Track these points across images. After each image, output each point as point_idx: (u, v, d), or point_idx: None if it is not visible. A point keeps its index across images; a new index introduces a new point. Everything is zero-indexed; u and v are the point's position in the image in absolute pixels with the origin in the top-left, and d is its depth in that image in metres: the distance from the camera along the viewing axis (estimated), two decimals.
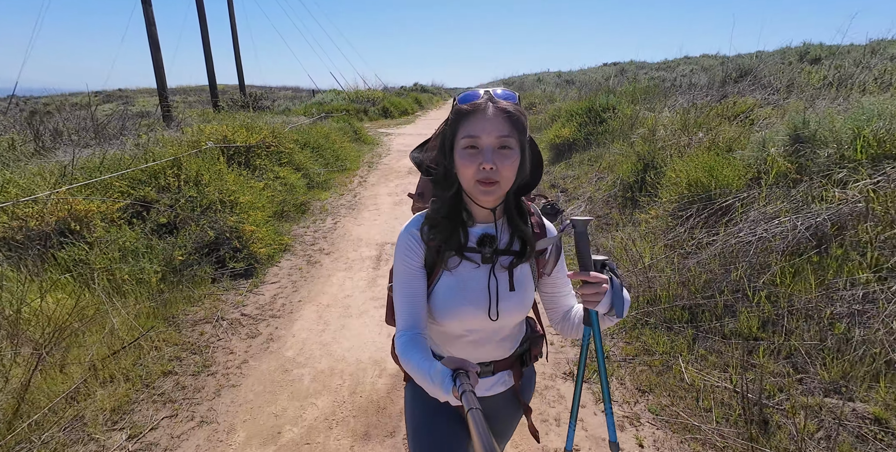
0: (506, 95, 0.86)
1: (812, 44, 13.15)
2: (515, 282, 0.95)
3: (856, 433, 1.70)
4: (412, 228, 0.95)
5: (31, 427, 1.85)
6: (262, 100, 17.89)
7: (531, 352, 1.08)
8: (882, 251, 2.14)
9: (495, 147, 0.82)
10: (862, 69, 6.19)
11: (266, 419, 2.05)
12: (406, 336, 0.89)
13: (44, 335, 2.15)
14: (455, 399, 0.70)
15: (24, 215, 2.72)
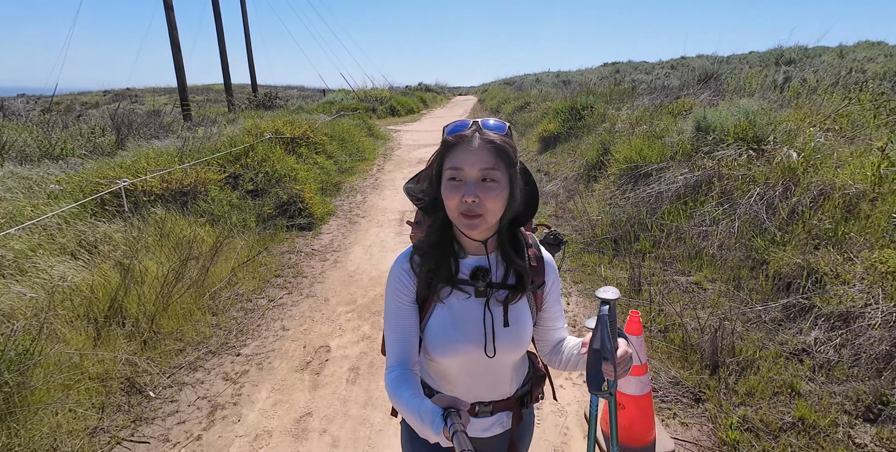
0: (496, 125, 0.86)
1: (786, 47, 14.50)
2: (511, 317, 0.93)
3: (684, 289, 3.11)
4: (403, 262, 0.94)
5: (215, 292, 3.27)
6: (276, 99, 19.38)
7: (532, 393, 1.06)
8: (723, 195, 3.54)
9: (478, 179, 0.82)
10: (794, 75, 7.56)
11: (345, 296, 3.47)
12: (396, 373, 0.89)
13: (203, 251, 3.57)
14: (446, 439, 0.69)
15: (171, 179, 4.16)
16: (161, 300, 2.86)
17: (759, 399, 2.14)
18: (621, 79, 12.69)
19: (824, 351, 2.26)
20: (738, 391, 2.21)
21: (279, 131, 6.35)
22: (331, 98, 19.69)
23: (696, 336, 2.57)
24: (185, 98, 13.58)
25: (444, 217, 0.89)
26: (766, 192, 3.26)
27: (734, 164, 3.63)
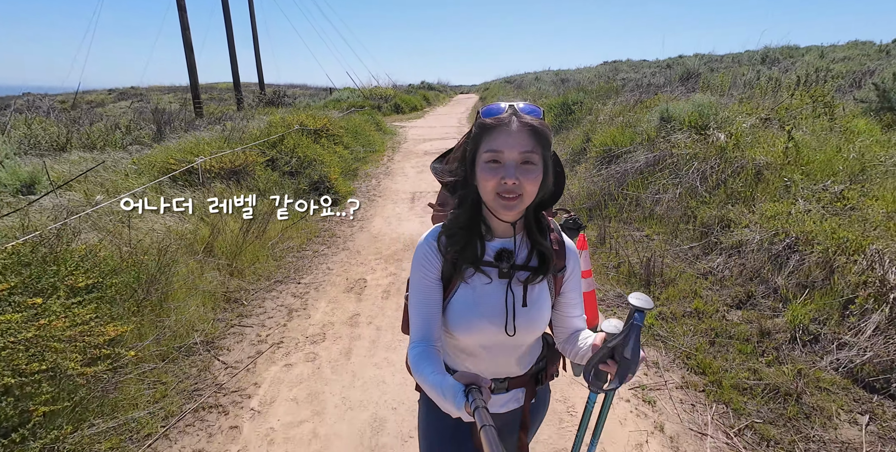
0: (530, 109, 0.88)
1: (772, 47, 15.47)
2: (531, 298, 0.97)
3: (637, 240, 4.09)
4: (430, 239, 0.98)
5: (273, 244, 4.28)
6: (285, 97, 20.40)
7: (547, 370, 1.11)
8: (671, 169, 4.53)
9: (518, 162, 0.84)
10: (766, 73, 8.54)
11: (372, 249, 4.47)
12: (419, 348, 0.92)
13: (258, 215, 4.58)
14: (467, 414, 0.72)
15: (224, 160, 5.16)
16: (238, 246, 3.86)
17: (672, 302, 3.13)
18: (614, 77, 13.68)
19: (721, 271, 3.25)
20: (660, 297, 3.20)
21: (304, 124, 7.36)
22: (337, 96, 20.68)
23: (637, 268, 3.56)
24: (197, 96, 14.53)
25: (473, 199, 0.93)
26: (701, 165, 4.25)
27: (682, 145, 4.62)
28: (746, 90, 7.46)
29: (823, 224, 3.00)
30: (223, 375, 2.57)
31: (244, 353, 2.79)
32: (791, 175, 3.73)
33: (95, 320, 2.25)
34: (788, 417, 2.10)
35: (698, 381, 2.45)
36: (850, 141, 4.24)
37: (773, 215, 3.35)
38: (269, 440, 2.12)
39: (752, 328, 2.69)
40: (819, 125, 4.88)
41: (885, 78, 5.49)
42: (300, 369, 2.64)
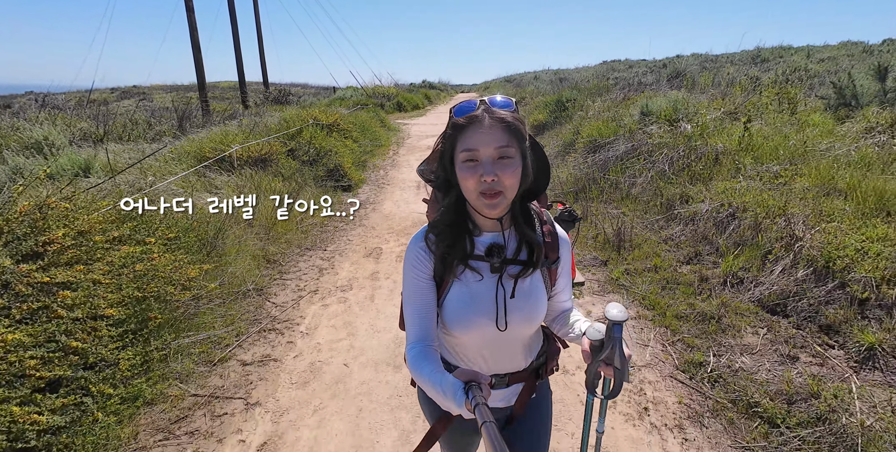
0: (503, 102, 0.90)
1: (763, 48, 16.19)
2: (522, 291, 0.98)
3: (614, 216, 4.82)
4: (419, 240, 1.00)
5: (300, 220, 5.00)
6: (290, 95, 21.14)
7: (547, 365, 1.12)
8: (646, 156, 5.26)
9: (494, 158, 0.85)
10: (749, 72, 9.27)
11: (384, 226, 5.20)
12: (416, 349, 0.94)
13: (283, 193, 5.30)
14: (468, 412, 0.73)
15: (251, 150, 5.89)
16: (271, 220, 4.59)
17: (637, 261, 3.86)
18: (609, 76, 14.42)
19: (678, 236, 3.98)
20: (627, 258, 3.92)
21: (317, 119, 8.09)
22: (341, 95, 21.41)
23: (611, 237, 4.28)
24: (204, 95, 15.23)
25: (457, 196, 0.94)
26: (670, 152, 4.98)
27: (655, 135, 5.35)
28: (727, 88, 8.19)
29: (758, 196, 3.72)
30: (275, 311, 3.29)
31: (288, 297, 3.51)
32: (743, 159, 4.45)
33: (182, 261, 2.97)
34: (710, 332, 2.82)
35: (648, 313, 3.17)
36: (801, 132, 4.96)
37: (723, 190, 4.08)
38: (318, 349, 2.84)
39: (695, 276, 3.41)
40: (780, 119, 5.61)
41: (842, 77, 6.22)
42: (334, 307, 3.36)
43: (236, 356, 2.76)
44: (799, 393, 2.22)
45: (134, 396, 2.27)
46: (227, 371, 2.62)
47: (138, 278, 2.63)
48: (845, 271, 2.72)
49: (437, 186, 1.00)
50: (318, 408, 2.34)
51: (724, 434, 2.15)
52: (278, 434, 2.18)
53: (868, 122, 4.88)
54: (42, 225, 2.20)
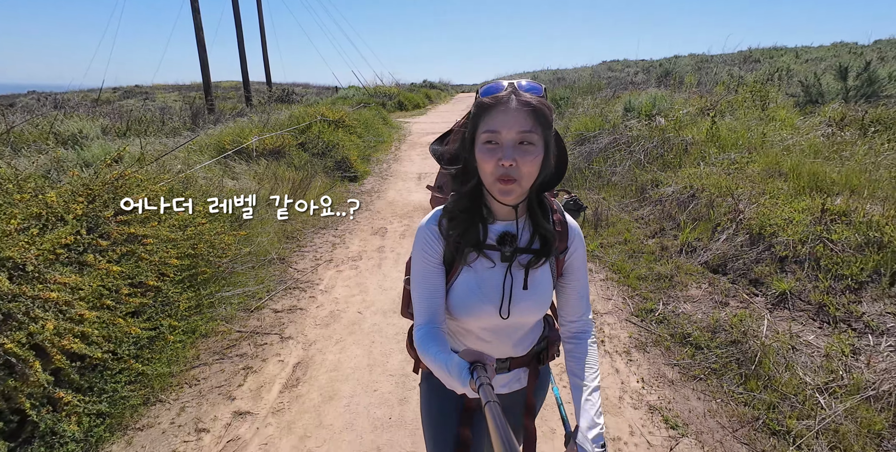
0: (530, 87, 0.88)
1: (755, 49, 16.82)
2: (531, 281, 0.98)
3: (595, 201, 5.42)
4: (431, 223, 1.00)
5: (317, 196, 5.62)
6: (293, 94, 21.76)
7: (549, 351, 1.14)
8: (625, 147, 5.87)
9: (516, 142, 0.84)
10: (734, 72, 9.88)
11: (388, 211, 5.80)
12: (424, 330, 0.95)
13: (294, 184, 5.91)
14: (472, 391, 0.74)
15: (265, 142, 6.51)
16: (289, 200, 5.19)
17: (611, 236, 4.46)
18: (604, 76, 15.04)
19: (648, 216, 4.58)
20: (602, 234, 4.53)
21: (324, 115, 8.71)
22: (343, 94, 22.05)
23: (590, 217, 4.88)
24: (209, 94, 15.83)
25: (474, 182, 0.94)
26: (646, 144, 5.59)
27: (634, 128, 5.96)
28: (710, 87, 8.81)
29: (715, 179, 4.33)
30: (296, 274, 3.90)
31: (307, 265, 4.12)
32: (708, 149, 5.06)
33: (221, 229, 3.58)
34: (662, 288, 3.42)
35: (615, 276, 3.77)
36: (765, 125, 5.57)
37: (687, 176, 4.68)
38: (335, 302, 3.45)
39: (657, 247, 4.01)
40: (750, 114, 6.22)
41: (808, 77, 6.82)
42: (347, 273, 3.97)
43: (268, 306, 3.36)
44: (722, 327, 2.82)
45: (192, 329, 2.88)
46: (263, 316, 3.23)
47: (189, 239, 3.24)
48: (772, 236, 3.32)
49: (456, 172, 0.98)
50: (339, 341, 2.95)
51: (661, 356, 2.75)
52: (308, 357, 2.78)
53: (825, 117, 5.49)
54: (121, 192, 2.82)
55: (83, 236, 2.36)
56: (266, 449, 2.09)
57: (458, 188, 0.97)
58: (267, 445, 2.11)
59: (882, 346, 2.34)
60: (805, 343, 2.54)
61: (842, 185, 3.61)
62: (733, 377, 2.47)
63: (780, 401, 2.24)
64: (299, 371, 2.64)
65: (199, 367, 2.65)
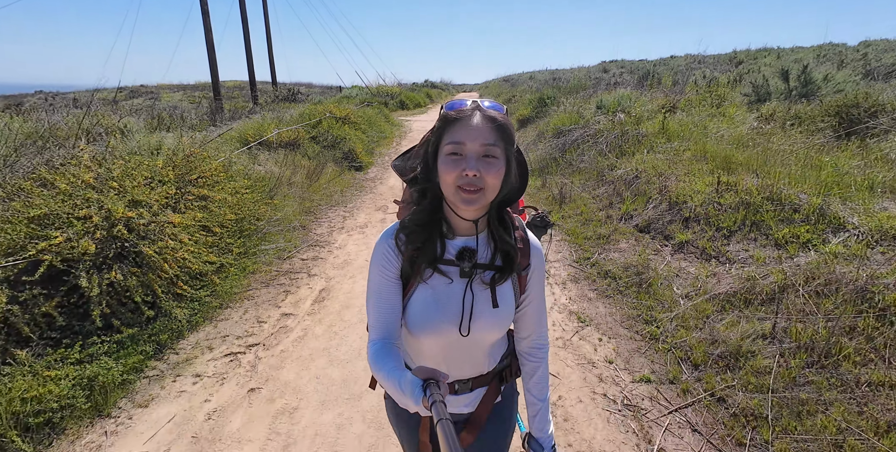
0: (493, 105, 0.92)
1: (739, 50, 17.86)
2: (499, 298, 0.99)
3: (564, 185, 6.51)
4: (388, 237, 1.00)
5: (324, 187, 6.72)
6: (299, 94, 22.88)
7: (511, 368, 1.15)
8: (593, 139, 6.95)
9: (479, 154, 0.87)
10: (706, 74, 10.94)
11: (390, 193, 6.91)
12: (377, 345, 0.94)
13: (309, 170, 7.02)
14: (425, 409, 0.74)
15: (282, 135, 7.62)
16: (307, 183, 6.29)
17: (570, 210, 5.54)
18: (593, 76, 16.11)
19: (602, 194, 5.66)
20: (564, 209, 5.61)
21: (332, 112, 9.83)
22: (346, 93, 23.19)
23: (557, 196, 5.96)
24: (218, 93, 16.92)
25: (434, 197, 0.96)
26: (609, 136, 6.67)
27: (601, 123, 7.04)
28: (683, 87, 9.88)
29: (655, 164, 5.41)
30: (316, 236, 5.00)
31: (324, 231, 5.22)
32: (657, 140, 6.13)
33: (257, 198, 4.67)
34: (601, 245, 4.50)
35: (568, 238, 4.85)
36: (711, 120, 6.63)
37: (636, 161, 5.76)
38: (348, 254, 4.54)
39: (604, 216, 5.09)
40: (704, 111, 7.29)
41: (757, 78, 7.89)
42: (356, 236, 5.07)
43: (296, 256, 4.46)
44: (633, 265, 3.90)
45: (243, 267, 3.98)
46: (293, 262, 4.32)
47: (236, 205, 4.34)
48: (683, 203, 4.39)
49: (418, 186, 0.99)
50: (351, 277, 4.04)
51: (587, 285, 3.84)
52: (329, 286, 3.87)
53: (761, 113, 6.56)
54: (192, 166, 3.92)
55: (177, 192, 3.46)
56: (305, 332, 3.18)
57: (417, 202, 0.99)
58: (306, 330, 3.20)
59: (732, 270, 3.41)
60: (685, 272, 3.62)
61: (743, 165, 4.68)
62: (632, 294, 3.55)
63: (656, 304, 3.32)
64: (324, 293, 3.74)
65: (252, 290, 3.75)
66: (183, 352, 2.89)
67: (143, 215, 2.93)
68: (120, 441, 2.19)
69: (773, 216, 3.65)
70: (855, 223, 3.27)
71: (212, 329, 3.16)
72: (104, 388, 2.38)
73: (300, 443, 2.20)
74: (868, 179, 3.88)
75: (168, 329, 2.94)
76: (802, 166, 4.35)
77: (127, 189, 3.10)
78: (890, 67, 9.70)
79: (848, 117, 5.16)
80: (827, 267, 2.90)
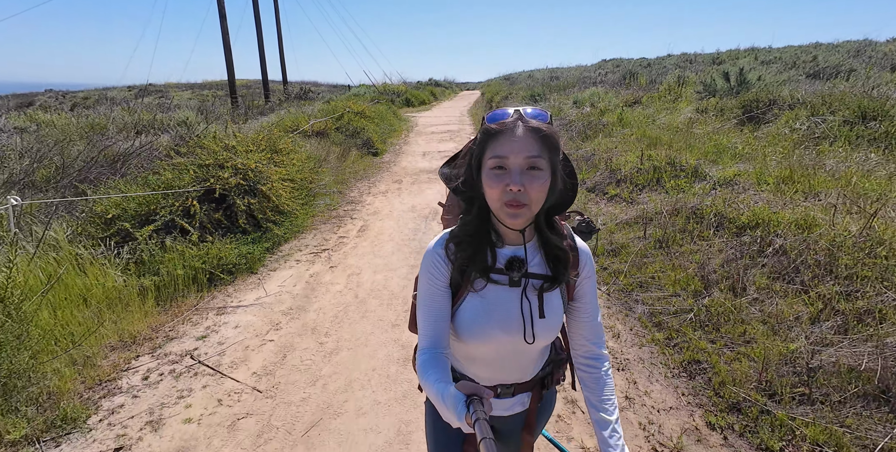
0: (536, 113, 0.94)
1: (722, 51, 19.70)
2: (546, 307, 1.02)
3: None
4: (438, 247, 1.04)
5: (351, 165, 8.67)
6: (310, 92, 24.88)
7: (553, 376, 1.19)
8: (566, 128, 8.86)
9: (524, 168, 0.88)
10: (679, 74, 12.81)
11: (403, 172, 8.84)
12: (426, 355, 0.98)
13: (337, 154, 8.95)
14: (467, 426, 0.76)
15: (315, 126, 9.57)
16: (339, 163, 8.23)
17: None
18: (583, 75, 18.01)
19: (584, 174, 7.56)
20: None
21: (350, 108, 11.79)
22: (355, 92, 25.14)
23: None
24: (234, 91, 18.79)
25: (481, 207, 0.98)
26: (578, 125, 8.57)
27: (573, 115, 8.94)
28: (657, 84, 11.76)
29: (607, 145, 7.30)
30: (351, 197, 6.93)
31: (355, 194, 7.15)
32: (615, 127, 8.04)
33: (309, 167, 6.60)
34: None
35: None
36: (661, 112, 8.51)
37: (594, 144, 7.66)
38: (376, 208, 6.47)
39: None
40: (661, 105, 9.18)
41: (706, 78, 9.77)
42: (380, 198, 6.99)
43: (340, 208, 6.39)
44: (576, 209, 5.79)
45: (307, 211, 5.90)
46: (339, 212, 6.25)
47: (300, 169, 6.26)
48: (618, 170, 6.28)
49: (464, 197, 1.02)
50: (381, 219, 5.96)
51: None
52: (366, 225, 5.79)
53: (697, 106, 8.45)
54: (273, 141, 5.86)
55: (268, 157, 5.40)
56: (356, 244, 5.09)
57: (465, 212, 1.03)
58: (356, 243, 5.12)
59: (636, 207, 5.29)
60: (608, 211, 5.50)
61: (665, 143, 6.57)
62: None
63: None
64: (363, 228, 5.66)
65: (315, 225, 5.67)
66: (283, 251, 4.82)
67: (258, 168, 4.86)
68: (267, 282, 4.11)
69: (668, 174, 5.55)
70: (712, 175, 5.15)
71: (296, 243, 5.09)
72: (251, 259, 4.30)
73: (363, 286, 4.10)
74: (735, 149, 5.78)
75: (272, 238, 4.86)
76: (701, 143, 6.24)
77: (240, 153, 5.03)
78: (834, 69, 11.58)
79: (750, 108, 7.03)
80: (682, 200, 4.79)
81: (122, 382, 2.76)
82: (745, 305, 3.14)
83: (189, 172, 4.39)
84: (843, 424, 2.20)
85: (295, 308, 3.67)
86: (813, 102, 6.37)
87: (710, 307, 3.21)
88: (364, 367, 2.93)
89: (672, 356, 2.96)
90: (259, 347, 3.15)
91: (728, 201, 4.35)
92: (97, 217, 3.81)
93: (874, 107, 5.58)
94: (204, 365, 2.91)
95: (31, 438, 2.27)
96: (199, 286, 3.87)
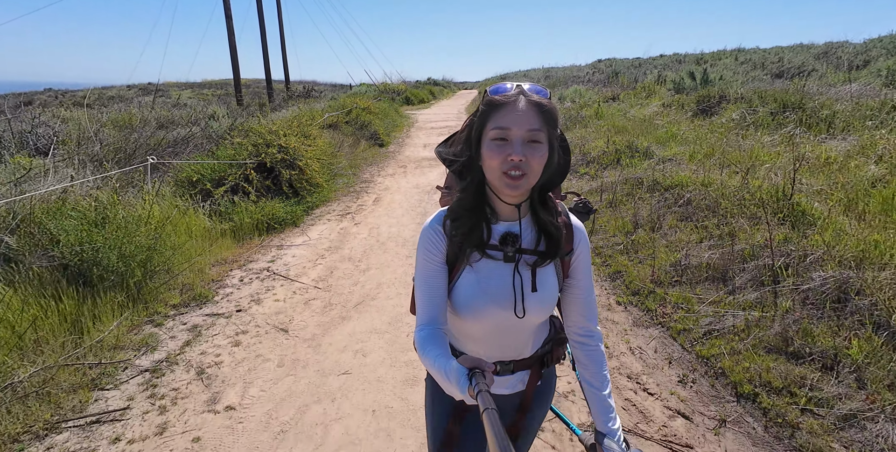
0: (537, 89, 0.97)
1: (705, 52, 21.15)
2: (538, 282, 1.06)
3: None
4: (435, 223, 1.08)
5: (360, 153, 10.07)
6: (313, 91, 26.24)
7: (553, 354, 1.22)
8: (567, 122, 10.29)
9: (525, 140, 0.92)
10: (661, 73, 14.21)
11: (406, 160, 10.25)
12: (426, 331, 1.02)
13: (349, 144, 10.33)
14: (470, 398, 0.79)
15: (328, 119, 10.97)
16: (351, 151, 9.61)
17: None
18: (574, 74, 19.43)
19: None
20: None
21: (358, 104, 13.19)
22: (356, 90, 26.51)
23: None
24: (239, 90, 20.03)
25: (478, 182, 1.02)
26: (563, 118, 9.97)
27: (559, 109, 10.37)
28: (636, 83, 13.18)
29: (584, 134, 8.70)
30: (364, 178, 8.32)
31: (367, 176, 8.55)
32: (592, 120, 9.44)
33: (329, 151, 7.98)
34: None
35: None
36: (631, 107, 9.91)
37: (572, 133, 9.06)
38: (386, 185, 7.87)
39: None
40: (635, 101, 10.59)
41: (676, 77, 11.19)
42: (389, 178, 8.39)
43: (356, 185, 7.77)
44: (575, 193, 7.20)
45: (330, 187, 7.28)
46: (356, 188, 7.64)
47: (320, 153, 7.64)
48: (590, 154, 7.68)
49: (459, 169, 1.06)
50: (391, 193, 7.35)
51: None
52: (379, 197, 7.17)
53: (663, 102, 9.86)
54: (303, 127, 7.25)
55: (302, 140, 6.80)
56: (373, 209, 6.47)
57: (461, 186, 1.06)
58: (373, 209, 6.50)
59: (600, 182, 6.67)
60: (576, 185, 6.89)
61: (629, 131, 7.97)
62: None
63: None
64: (377, 200, 7.04)
65: (338, 198, 7.05)
66: (316, 214, 6.20)
67: (296, 147, 6.25)
68: (309, 232, 5.49)
69: (626, 155, 6.95)
70: (658, 155, 6.56)
71: (325, 208, 6.47)
72: (295, 216, 5.69)
73: (382, 235, 5.47)
74: (682, 135, 7.19)
75: (307, 203, 6.24)
76: (657, 130, 7.65)
77: (280, 136, 6.42)
78: (798, 69, 13.03)
79: (703, 103, 8.44)
80: (632, 173, 6.18)
81: (227, 281, 4.14)
82: (658, 237, 4.53)
83: (247, 148, 5.77)
84: (695, 293, 3.59)
85: (333, 247, 5.06)
86: (750, 97, 7.77)
87: (635, 241, 4.60)
88: (388, 277, 4.31)
89: (603, 270, 4.35)
90: (313, 267, 4.53)
91: (663, 172, 5.75)
92: (184, 180, 5.19)
93: (794, 100, 6.98)
94: (278, 275, 4.29)
95: (184, 304, 3.65)
96: (260, 231, 5.25)
